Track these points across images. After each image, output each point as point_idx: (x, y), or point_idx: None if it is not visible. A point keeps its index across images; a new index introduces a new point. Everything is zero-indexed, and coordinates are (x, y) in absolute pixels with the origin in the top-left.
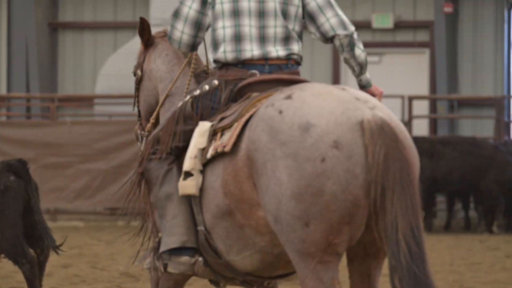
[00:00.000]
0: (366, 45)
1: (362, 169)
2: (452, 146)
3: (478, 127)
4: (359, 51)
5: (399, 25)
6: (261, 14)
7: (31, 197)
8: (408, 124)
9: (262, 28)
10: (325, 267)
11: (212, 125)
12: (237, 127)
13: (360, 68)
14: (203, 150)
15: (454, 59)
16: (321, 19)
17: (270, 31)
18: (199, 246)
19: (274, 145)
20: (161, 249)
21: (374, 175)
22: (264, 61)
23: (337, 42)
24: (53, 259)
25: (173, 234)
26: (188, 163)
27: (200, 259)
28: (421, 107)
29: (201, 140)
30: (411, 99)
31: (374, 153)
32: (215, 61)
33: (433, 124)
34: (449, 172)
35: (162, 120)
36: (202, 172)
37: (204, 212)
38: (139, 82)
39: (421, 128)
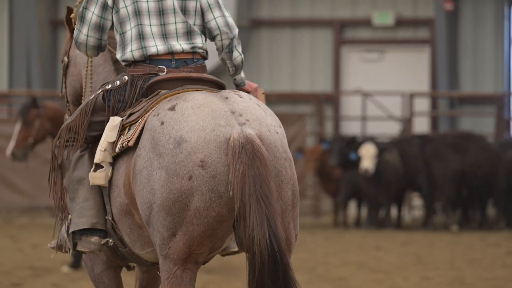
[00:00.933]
0: (367, 42)
1: (226, 187)
2: (473, 141)
3: (479, 124)
4: (237, 53)
5: (399, 22)
6: (161, 12)
7: None
8: (408, 121)
9: (163, 25)
10: (184, 273)
11: (122, 120)
12: (140, 123)
13: (235, 69)
14: (113, 144)
15: (455, 56)
16: (209, 16)
17: (171, 28)
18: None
19: (153, 155)
20: (71, 229)
21: (235, 191)
22: (170, 56)
23: (218, 42)
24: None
25: (84, 216)
26: (98, 155)
27: (111, 240)
28: (422, 104)
29: (111, 134)
30: (411, 96)
31: (234, 171)
32: (124, 61)
33: (434, 121)
34: (476, 166)
35: (75, 111)
36: (112, 165)
37: (111, 205)
38: (66, 68)
39: (422, 125)
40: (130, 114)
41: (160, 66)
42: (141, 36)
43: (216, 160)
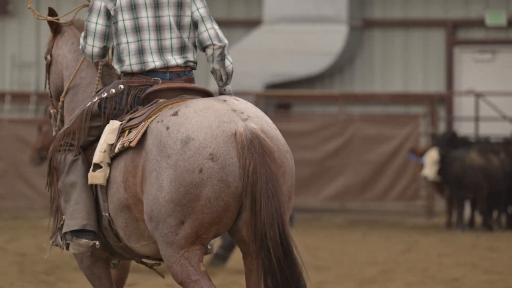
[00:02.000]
0: (479, 42)
1: (234, 177)
2: None
3: None
4: (228, 62)
5: None
6: (158, 28)
7: None
8: None
9: (159, 40)
10: (191, 254)
11: (121, 124)
12: (143, 126)
13: (226, 78)
14: (112, 146)
15: None
16: (201, 28)
17: (167, 43)
18: (102, 229)
19: (161, 158)
20: (64, 230)
21: (245, 186)
22: (165, 69)
23: (209, 51)
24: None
25: (75, 218)
26: (98, 156)
27: (97, 243)
28: None
29: (110, 136)
30: None
31: (245, 166)
32: (122, 72)
33: None
34: None
35: (71, 117)
36: (110, 165)
37: (109, 201)
38: (49, 66)
39: None
40: (130, 119)
41: (156, 78)
42: (140, 52)
43: (224, 153)
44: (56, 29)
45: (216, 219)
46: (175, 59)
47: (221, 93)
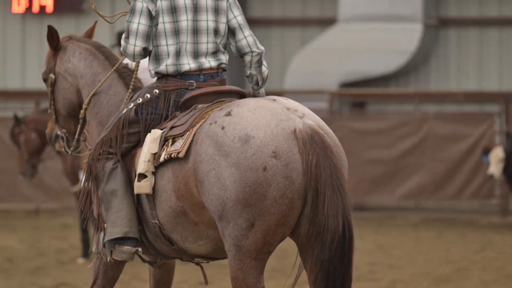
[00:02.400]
0: None
1: (298, 174)
2: None
3: None
4: (264, 68)
5: None
6: (195, 31)
7: None
8: None
9: (196, 44)
10: (257, 263)
11: (163, 132)
12: (189, 136)
13: (262, 82)
14: (155, 155)
15: None
16: (239, 36)
17: (203, 47)
18: (148, 235)
19: (219, 157)
20: (106, 238)
21: (308, 181)
22: (199, 72)
23: (248, 58)
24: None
25: (117, 226)
26: (143, 166)
27: (140, 249)
28: None
29: (153, 145)
30: None
31: (307, 161)
32: (156, 73)
33: None
34: None
35: (107, 125)
36: (154, 174)
37: (157, 209)
38: (53, 85)
39: None
40: (172, 127)
41: (190, 81)
42: (177, 54)
43: (286, 150)
44: (56, 46)
45: (282, 219)
46: (209, 62)
47: (254, 95)
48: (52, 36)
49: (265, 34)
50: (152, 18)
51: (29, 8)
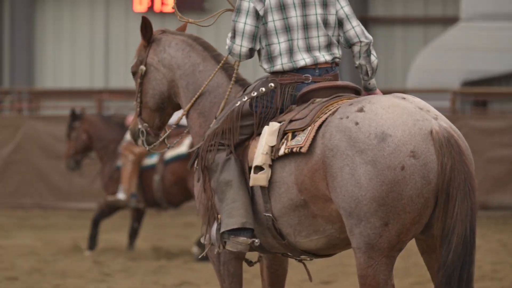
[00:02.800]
0: None
1: (434, 174)
2: None
3: None
4: (373, 57)
5: None
6: (306, 27)
7: None
8: None
9: (307, 39)
10: (388, 261)
11: (281, 125)
12: (311, 131)
13: (372, 73)
14: (273, 148)
15: None
16: (347, 26)
17: (315, 41)
18: (262, 228)
19: (352, 152)
20: (222, 229)
21: (441, 183)
22: (314, 66)
23: (357, 48)
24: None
25: (233, 216)
26: (260, 158)
27: (257, 240)
28: None
29: (271, 138)
30: None
31: (443, 164)
32: (272, 73)
33: None
34: None
35: (219, 116)
36: (271, 166)
37: (272, 201)
38: (142, 77)
39: None
40: (291, 121)
41: (306, 75)
42: (290, 51)
43: (424, 150)
44: (149, 38)
45: (417, 218)
46: (323, 56)
47: (365, 87)
48: (146, 27)
49: (387, 33)
50: (260, 18)
51: (150, 7)
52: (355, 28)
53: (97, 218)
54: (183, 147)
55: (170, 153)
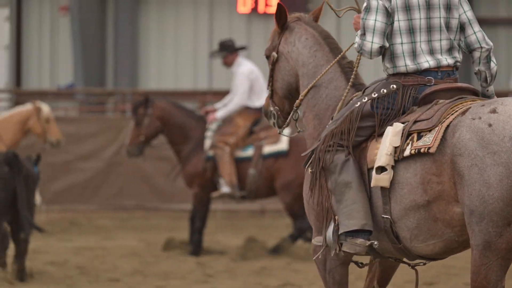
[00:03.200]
0: None
1: None
2: None
3: None
4: (493, 64)
5: None
6: (429, 29)
7: (17, 187)
8: None
9: (430, 42)
10: (503, 262)
11: (405, 125)
12: (439, 131)
13: (491, 79)
14: (396, 148)
15: None
16: (469, 31)
17: (437, 44)
18: (378, 230)
19: (483, 153)
20: (341, 230)
21: None
22: (437, 69)
23: (477, 54)
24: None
25: (353, 218)
26: (384, 159)
27: (376, 242)
28: None
29: (395, 139)
30: None
31: None
32: (395, 74)
33: None
34: None
35: (336, 116)
36: (393, 167)
37: (392, 203)
38: (274, 63)
39: None
40: (416, 121)
41: (429, 77)
42: (413, 53)
43: None
44: (283, 25)
45: None
46: (446, 59)
47: (483, 94)
48: (281, 14)
49: (491, 34)
50: (389, 15)
51: (254, 8)
52: (476, 33)
53: (200, 226)
54: (282, 144)
55: (269, 148)
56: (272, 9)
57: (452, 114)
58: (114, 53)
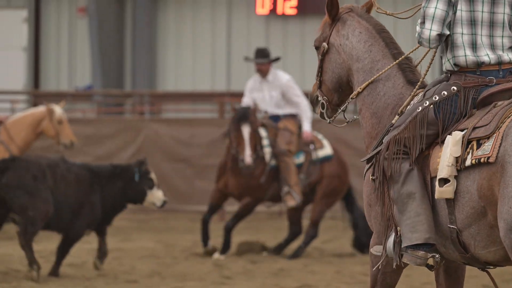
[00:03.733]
0: None
1: None
2: None
3: None
4: None
5: None
6: (491, 24)
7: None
8: None
9: (491, 37)
10: None
11: (465, 134)
12: (497, 138)
13: None
14: (457, 158)
15: None
16: None
17: (498, 40)
18: (444, 239)
19: None
20: (404, 244)
21: None
22: (498, 66)
23: None
24: None
25: (417, 231)
26: (446, 170)
27: (437, 256)
28: None
29: (455, 149)
30: None
31: None
32: (454, 64)
33: None
34: None
35: (398, 122)
36: (456, 177)
37: (456, 213)
38: (324, 54)
39: None
40: (474, 128)
41: (490, 77)
42: (474, 46)
43: None
44: (335, 16)
45: None
46: (507, 55)
47: None
48: (332, 4)
49: None
50: (451, 4)
51: (273, 10)
52: None
53: (229, 225)
54: (327, 149)
55: (318, 153)
56: (292, 11)
57: (509, 117)
58: (132, 55)
